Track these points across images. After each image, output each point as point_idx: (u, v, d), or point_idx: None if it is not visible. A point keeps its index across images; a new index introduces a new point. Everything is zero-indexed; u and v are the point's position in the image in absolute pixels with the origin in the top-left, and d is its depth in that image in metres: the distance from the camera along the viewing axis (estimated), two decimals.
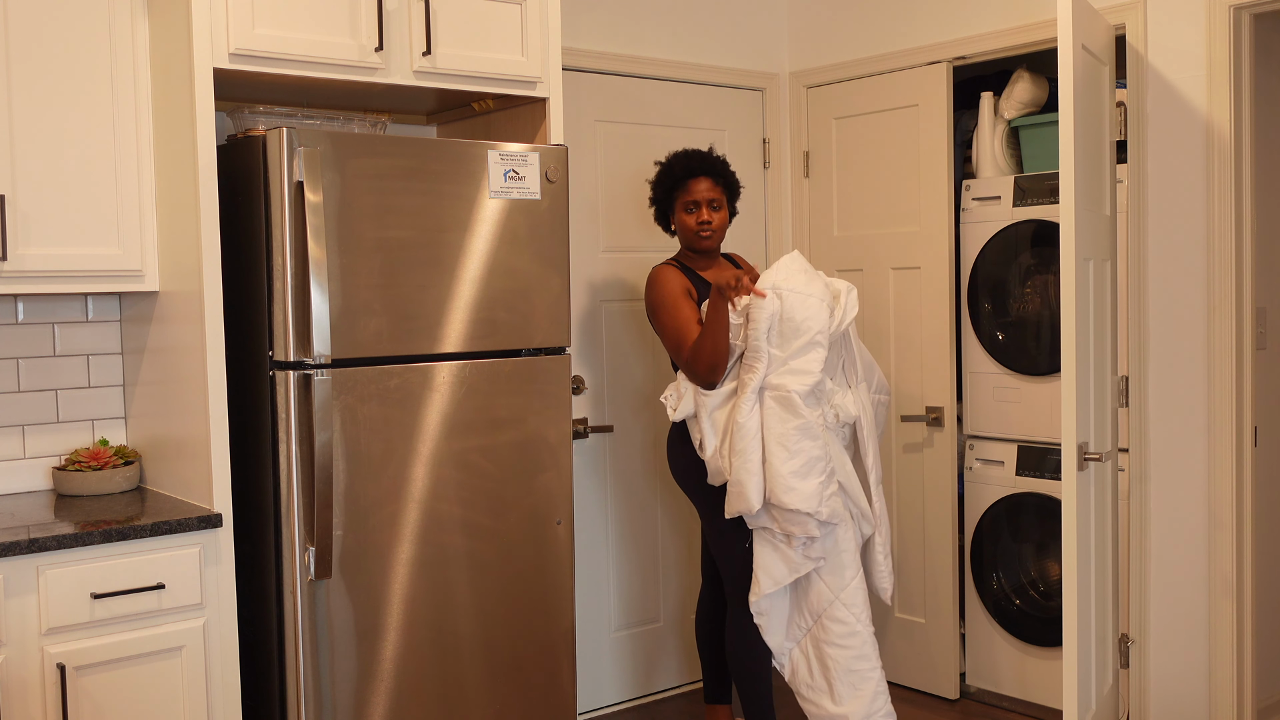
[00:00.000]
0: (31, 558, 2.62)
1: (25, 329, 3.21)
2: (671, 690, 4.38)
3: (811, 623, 3.50)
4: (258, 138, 2.88)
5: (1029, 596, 4.11)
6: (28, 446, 3.22)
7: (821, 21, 4.48)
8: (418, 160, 3.00)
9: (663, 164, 3.67)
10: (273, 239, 2.84)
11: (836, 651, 3.46)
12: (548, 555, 3.26)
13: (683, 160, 3.61)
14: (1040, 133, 4.10)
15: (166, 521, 2.78)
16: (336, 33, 3.00)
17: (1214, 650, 3.54)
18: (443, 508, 3.07)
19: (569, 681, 3.31)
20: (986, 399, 4.17)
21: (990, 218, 4.12)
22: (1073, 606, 3.15)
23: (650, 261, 4.25)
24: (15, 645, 2.61)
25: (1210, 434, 3.50)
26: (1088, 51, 3.30)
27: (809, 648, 3.53)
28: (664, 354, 4.28)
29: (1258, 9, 3.40)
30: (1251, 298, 3.49)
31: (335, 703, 2.92)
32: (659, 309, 3.53)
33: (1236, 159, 3.43)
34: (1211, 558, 3.52)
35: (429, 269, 3.02)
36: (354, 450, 2.92)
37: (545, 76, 3.36)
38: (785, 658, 3.56)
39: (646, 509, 4.27)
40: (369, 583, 2.96)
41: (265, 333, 2.88)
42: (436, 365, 3.05)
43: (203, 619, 2.85)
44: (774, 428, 3.30)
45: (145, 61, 3.01)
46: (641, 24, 4.19)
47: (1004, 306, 4.13)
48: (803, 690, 3.55)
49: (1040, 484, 4.01)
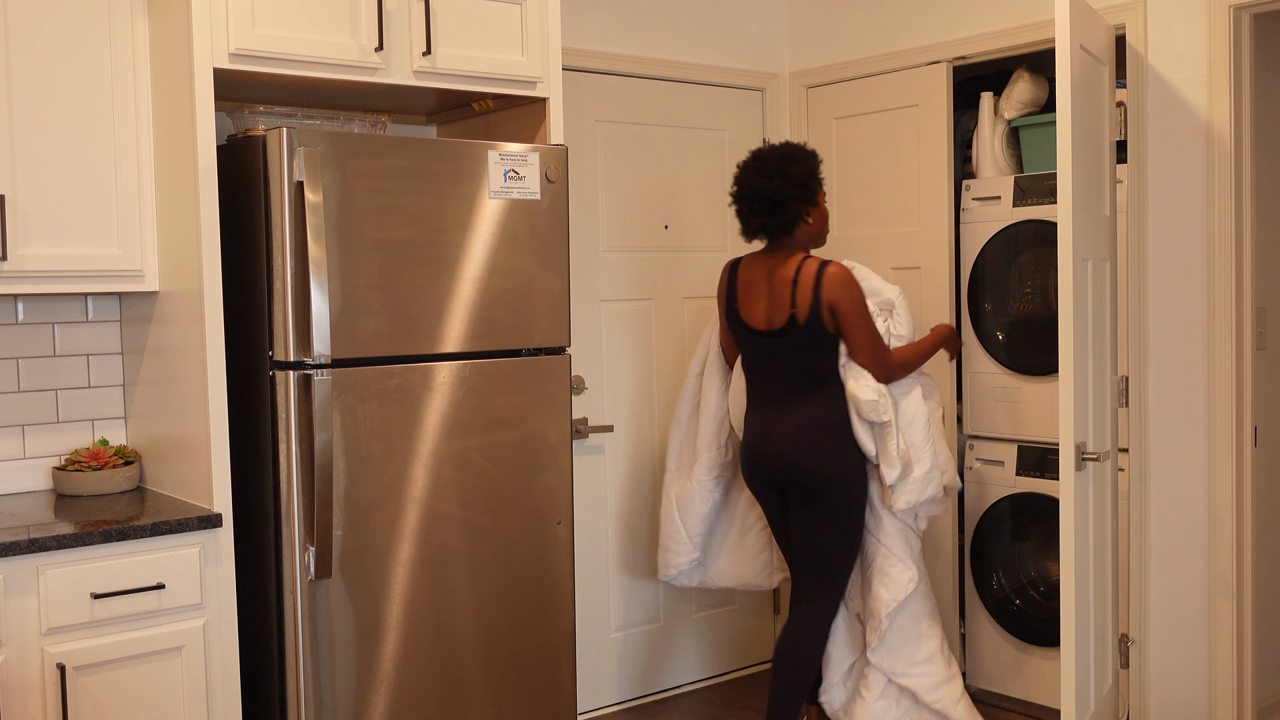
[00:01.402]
0: (31, 558, 2.62)
1: (25, 329, 3.21)
2: (671, 690, 4.38)
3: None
4: (258, 138, 2.88)
5: (1029, 596, 4.11)
6: (28, 446, 3.22)
7: (821, 22, 4.48)
8: (418, 160, 3.00)
9: (814, 151, 3.57)
10: (273, 239, 2.84)
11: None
12: (548, 555, 3.26)
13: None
14: (1040, 133, 4.10)
15: (166, 521, 2.78)
16: (336, 33, 3.00)
17: (1214, 650, 3.54)
18: (443, 508, 3.07)
19: (569, 681, 3.31)
20: (987, 399, 4.17)
21: (990, 218, 4.12)
22: (1071, 606, 3.15)
23: (649, 261, 4.25)
24: (15, 645, 2.61)
25: (1210, 434, 3.50)
26: (1087, 52, 3.30)
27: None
28: (664, 354, 4.28)
29: (1258, 9, 3.40)
30: (1251, 298, 3.49)
31: (335, 703, 2.92)
32: (863, 312, 3.46)
33: (1236, 159, 3.43)
34: (1211, 558, 3.52)
35: (429, 269, 3.02)
36: (354, 450, 2.92)
37: (545, 76, 3.36)
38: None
39: (647, 509, 4.27)
40: (369, 583, 2.96)
41: (265, 333, 2.88)
42: (436, 365, 3.05)
43: (203, 619, 2.85)
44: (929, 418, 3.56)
45: (145, 61, 3.01)
46: (641, 24, 4.19)
47: (1004, 306, 4.13)
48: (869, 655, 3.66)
49: (1040, 484, 4.01)
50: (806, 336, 3.45)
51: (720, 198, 4.42)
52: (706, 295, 4.29)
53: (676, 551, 3.87)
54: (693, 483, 3.84)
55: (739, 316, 3.60)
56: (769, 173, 3.48)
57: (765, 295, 3.53)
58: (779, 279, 3.50)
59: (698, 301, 4.35)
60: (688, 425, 3.92)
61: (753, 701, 4.23)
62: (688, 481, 3.86)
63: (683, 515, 3.85)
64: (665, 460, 4.01)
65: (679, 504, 3.86)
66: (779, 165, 3.48)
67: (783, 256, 3.53)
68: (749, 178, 3.52)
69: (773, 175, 3.47)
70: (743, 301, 3.59)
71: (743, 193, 3.54)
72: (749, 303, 3.57)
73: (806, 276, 3.44)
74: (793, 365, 3.50)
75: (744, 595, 4.53)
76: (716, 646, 4.49)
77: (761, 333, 3.53)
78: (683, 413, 3.93)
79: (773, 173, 3.48)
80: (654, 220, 4.27)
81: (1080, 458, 3.18)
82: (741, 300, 3.59)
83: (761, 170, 3.50)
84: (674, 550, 3.88)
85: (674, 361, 4.32)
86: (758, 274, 3.57)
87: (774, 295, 3.50)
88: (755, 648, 4.58)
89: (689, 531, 3.85)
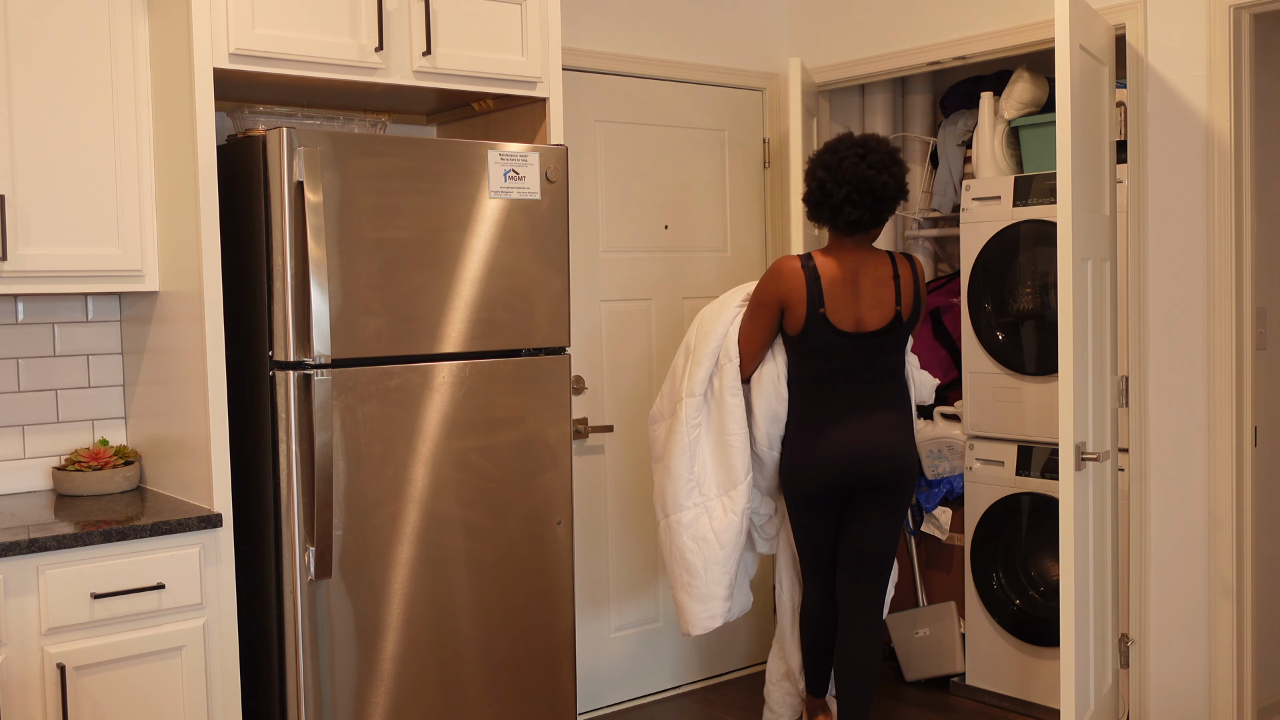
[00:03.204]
0: (31, 558, 2.62)
1: (25, 329, 3.21)
2: (671, 690, 4.38)
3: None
4: (258, 138, 2.88)
5: (1029, 596, 4.11)
6: (28, 446, 3.22)
7: (821, 22, 4.48)
8: (418, 160, 3.00)
9: (858, 145, 3.39)
10: (273, 239, 2.84)
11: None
12: (548, 555, 3.26)
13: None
14: (1040, 133, 4.10)
15: (166, 521, 2.78)
16: (336, 33, 3.00)
17: (1214, 650, 3.54)
18: (443, 508, 3.07)
19: (569, 681, 3.31)
20: (986, 399, 4.17)
21: (990, 218, 4.12)
22: (1070, 606, 3.15)
23: (649, 261, 4.25)
24: (15, 645, 2.61)
25: (1210, 434, 3.50)
26: (1086, 52, 3.29)
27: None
28: (664, 354, 4.28)
29: (1258, 9, 3.40)
30: (1251, 298, 3.49)
31: (335, 703, 2.93)
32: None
33: (1236, 159, 3.43)
34: (1211, 558, 3.52)
35: (429, 269, 3.02)
36: (354, 450, 2.92)
37: (545, 76, 3.36)
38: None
39: (646, 509, 4.27)
40: (369, 583, 2.96)
41: (265, 333, 2.88)
42: (436, 365, 3.05)
43: (203, 619, 2.85)
44: None
45: (145, 61, 3.01)
46: (641, 24, 4.19)
47: (1004, 306, 4.13)
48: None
49: (1040, 484, 4.01)
50: (903, 335, 3.41)
51: (720, 198, 4.42)
52: (706, 295, 4.28)
53: (720, 597, 3.48)
54: (736, 514, 3.44)
55: (827, 319, 3.35)
56: (879, 165, 3.31)
57: (858, 295, 3.36)
58: (877, 277, 3.37)
59: (698, 301, 4.34)
60: (694, 456, 3.48)
61: (752, 701, 4.23)
62: (727, 514, 3.45)
63: (726, 551, 3.43)
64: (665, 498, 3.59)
65: (720, 540, 3.43)
66: (886, 160, 3.33)
67: (869, 253, 3.40)
68: (854, 166, 3.30)
69: (882, 169, 3.31)
70: (832, 301, 3.34)
71: (846, 179, 3.30)
72: (841, 304, 3.35)
73: (906, 273, 3.40)
74: (882, 365, 3.41)
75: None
76: (716, 646, 4.49)
77: (853, 335, 3.36)
78: (684, 442, 3.48)
79: (881, 166, 3.31)
80: (654, 220, 4.27)
81: (1080, 458, 3.18)
82: (830, 300, 3.34)
83: (870, 162, 3.31)
84: (717, 596, 3.47)
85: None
86: (847, 272, 3.37)
87: (875, 294, 3.37)
88: (755, 647, 4.58)
89: (728, 566, 3.46)
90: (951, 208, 4.58)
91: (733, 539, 3.46)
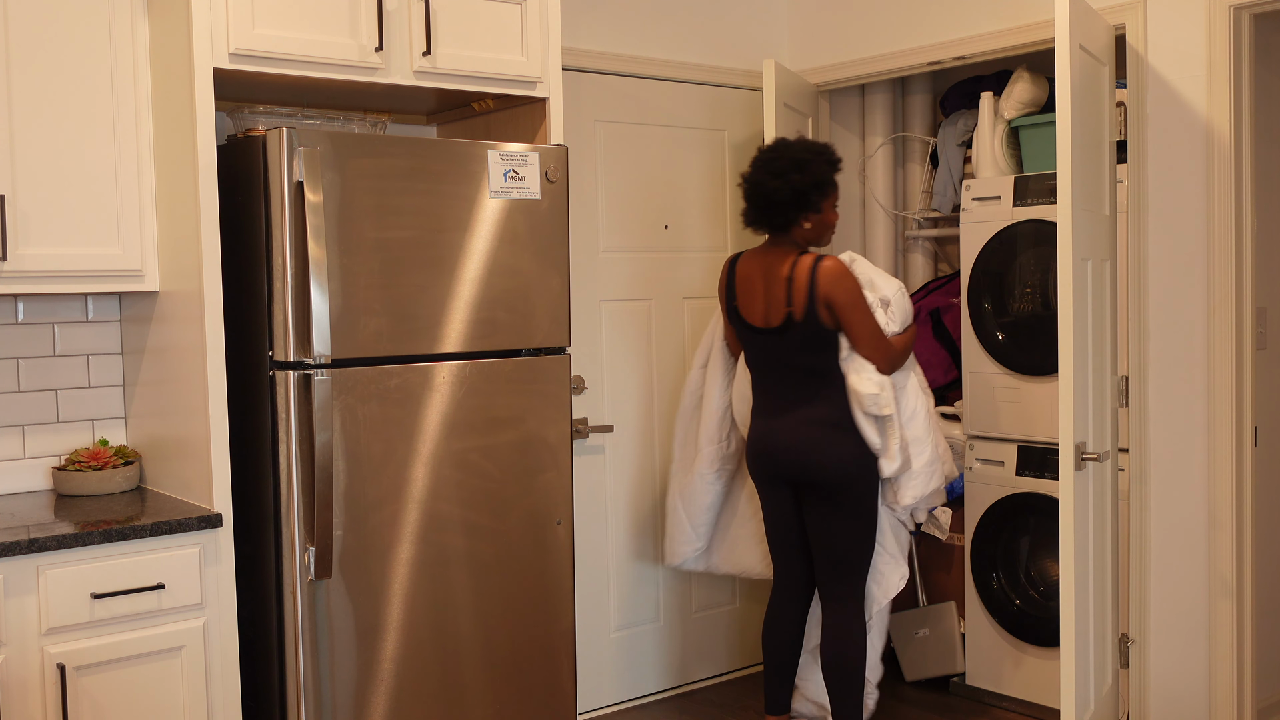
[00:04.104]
0: (31, 558, 2.62)
1: (25, 329, 3.21)
2: (671, 690, 4.38)
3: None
4: (258, 138, 2.88)
5: (1029, 596, 4.11)
6: (28, 446, 3.22)
7: (821, 22, 4.48)
8: (418, 160, 3.00)
9: (828, 151, 3.54)
10: (273, 239, 2.84)
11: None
12: (548, 555, 3.26)
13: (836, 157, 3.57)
14: (1040, 133, 4.09)
15: (166, 521, 2.78)
16: (336, 33, 3.00)
17: (1214, 650, 3.54)
18: (443, 508, 3.07)
19: (569, 681, 3.31)
20: (986, 399, 4.17)
21: (990, 218, 4.12)
22: (1070, 606, 3.15)
23: (649, 261, 4.25)
24: (15, 645, 2.61)
25: (1210, 434, 3.50)
26: (1086, 52, 3.30)
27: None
28: (664, 353, 4.28)
29: (1258, 9, 3.40)
30: (1251, 298, 3.49)
31: (335, 703, 2.92)
32: (861, 304, 3.44)
33: (1236, 159, 3.43)
34: (1211, 558, 3.52)
35: (429, 269, 3.02)
36: (354, 450, 2.92)
37: (545, 76, 3.36)
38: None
39: (646, 509, 4.27)
40: (369, 583, 2.96)
41: (265, 333, 2.88)
42: (436, 365, 3.05)
43: (203, 619, 2.85)
44: (928, 409, 3.64)
45: (145, 61, 3.01)
46: (641, 24, 4.19)
47: (1004, 306, 4.13)
48: None
49: (1040, 484, 4.01)
50: (805, 334, 3.44)
51: (720, 198, 4.42)
52: (706, 295, 4.29)
53: (682, 541, 4.00)
54: (695, 476, 3.92)
55: (739, 313, 3.60)
56: (776, 171, 3.46)
57: (762, 292, 3.52)
58: (775, 276, 3.49)
59: (698, 301, 4.35)
60: (691, 418, 3.98)
61: (752, 701, 4.23)
62: (690, 475, 3.94)
63: (686, 507, 3.96)
64: (666, 457, 4.02)
65: (682, 496, 3.97)
66: (786, 167, 3.45)
67: (779, 254, 3.52)
68: (757, 170, 3.51)
69: (778, 175, 3.45)
70: (741, 298, 3.59)
71: (747, 180, 3.54)
72: (747, 299, 3.57)
73: (801, 273, 3.43)
74: (794, 362, 3.50)
75: (743, 595, 4.53)
76: (716, 646, 4.49)
77: (761, 330, 3.53)
78: (687, 405, 4.00)
79: (779, 172, 3.45)
80: (654, 220, 4.27)
81: (1080, 458, 3.18)
82: (740, 297, 3.59)
83: (769, 168, 3.48)
84: (679, 540, 4.00)
85: (674, 361, 4.32)
86: (755, 270, 3.56)
87: (770, 293, 3.50)
88: (755, 647, 4.58)
89: (692, 522, 3.96)
90: (951, 208, 4.58)
91: (695, 496, 3.94)
